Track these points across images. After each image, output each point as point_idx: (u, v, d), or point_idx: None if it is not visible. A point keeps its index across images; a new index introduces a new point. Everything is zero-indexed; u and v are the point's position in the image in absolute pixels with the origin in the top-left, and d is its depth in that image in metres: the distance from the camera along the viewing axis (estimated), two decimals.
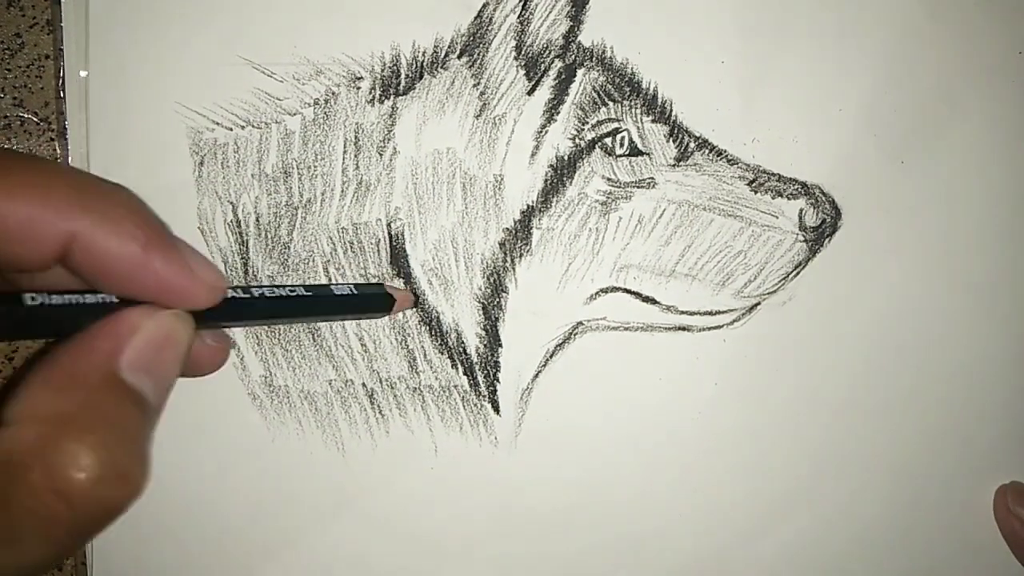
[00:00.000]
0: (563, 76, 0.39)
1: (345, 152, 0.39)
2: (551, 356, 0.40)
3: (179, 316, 0.27)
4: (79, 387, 0.24)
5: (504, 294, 0.40)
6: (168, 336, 0.26)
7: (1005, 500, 0.41)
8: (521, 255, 0.39)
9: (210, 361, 0.31)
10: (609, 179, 0.39)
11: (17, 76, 0.39)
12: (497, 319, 0.40)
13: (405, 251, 0.39)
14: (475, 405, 0.40)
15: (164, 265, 0.26)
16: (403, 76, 0.39)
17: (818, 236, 0.39)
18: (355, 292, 0.35)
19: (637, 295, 0.40)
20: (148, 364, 0.25)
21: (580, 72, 0.39)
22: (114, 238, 0.25)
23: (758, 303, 0.40)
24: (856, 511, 0.41)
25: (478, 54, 0.39)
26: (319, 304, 0.34)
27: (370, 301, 0.36)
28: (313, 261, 0.39)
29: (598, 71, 0.39)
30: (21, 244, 0.25)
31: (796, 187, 0.39)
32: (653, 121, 0.39)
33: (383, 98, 0.39)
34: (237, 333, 0.39)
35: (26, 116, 0.40)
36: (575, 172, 0.39)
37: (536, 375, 0.40)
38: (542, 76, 0.39)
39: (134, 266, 0.26)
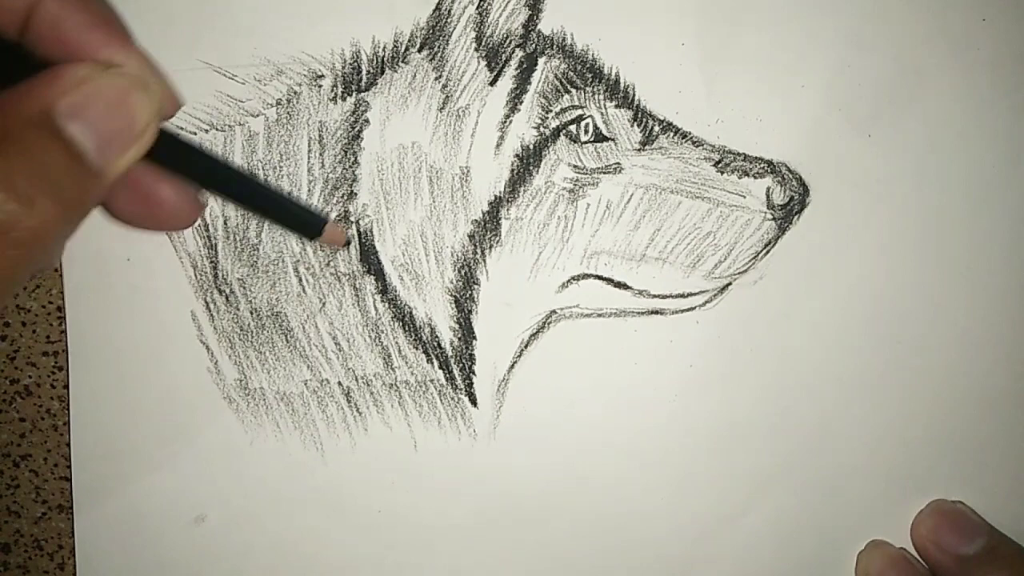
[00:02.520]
0: (524, 65, 0.41)
1: (310, 151, 0.41)
2: (526, 346, 0.42)
3: (138, 80, 0.25)
4: (4, 117, 0.23)
5: (476, 286, 0.42)
6: (121, 94, 0.24)
7: (920, 529, 0.42)
8: (491, 246, 0.42)
9: (174, 210, 0.29)
10: (575, 166, 0.41)
11: None
12: (470, 311, 0.42)
13: (375, 247, 0.41)
14: (452, 399, 0.42)
15: (127, 56, 0.25)
16: (364, 72, 0.41)
17: (786, 214, 0.41)
18: (298, 203, 0.34)
19: (609, 281, 0.42)
20: (92, 118, 0.24)
21: (541, 60, 0.41)
22: (81, 17, 0.25)
23: (729, 283, 0.42)
24: (835, 487, 0.43)
25: (438, 47, 0.41)
26: (257, 190, 0.33)
27: (304, 217, 0.34)
28: (283, 262, 0.41)
29: (559, 59, 0.41)
30: None
31: (762, 166, 0.41)
32: (617, 106, 0.41)
33: (345, 95, 0.41)
34: (209, 336, 0.42)
35: None
36: (541, 161, 0.41)
37: (512, 366, 0.42)
38: (504, 66, 0.41)
39: (96, 52, 0.25)
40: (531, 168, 0.41)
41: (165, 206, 0.29)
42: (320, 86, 0.41)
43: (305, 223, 0.32)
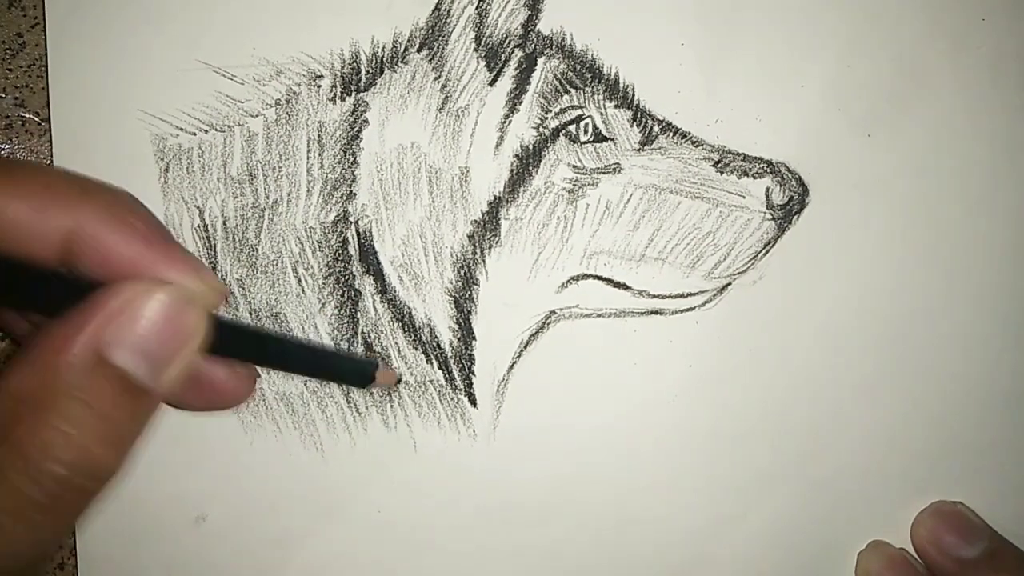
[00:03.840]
0: (524, 65, 0.41)
1: (309, 151, 0.42)
2: (525, 346, 0.43)
3: (182, 293, 0.25)
4: (51, 363, 0.23)
5: (475, 286, 0.42)
6: (167, 312, 0.24)
7: (920, 530, 0.42)
8: (490, 246, 0.42)
9: (230, 390, 0.30)
10: (575, 166, 0.42)
11: (19, 76, 0.42)
12: (469, 312, 0.43)
13: (374, 248, 0.42)
14: (452, 399, 0.43)
15: (168, 264, 0.26)
16: (363, 72, 0.41)
17: (786, 214, 0.42)
18: (347, 356, 0.36)
19: (608, 281, 0.42)
20: (140, 343, 0.24)
21: (541, 61, 0.41)
22: (117, 233, 0.26)
23: (729, 284, 0.42)
24: (835, 487, 0.44)
25: (438, 47, 0.41)
26: (308, 356, 0.35)
27: (356, 368, 0.37)
28: (281, 262, 0.42)
29: (559, 59, 0.41)
30: (26, 240, 0.25)
31: (762, 165, 0.42)
32: (616, 106, 0.42)
33: (344, 95, 0.41)
34: None
35: (27, 116, 0.42)
36: (540, 161, 0.42)
37: (511, 366, 0.43)
38: (503, 66, 0.41)
39: (138, 264, 0.26)
40: (530, 168, 0.42)
41: (220, 388, 0.30)
42: (319, 86, 0.41)
43: (357, 374, 0.34)
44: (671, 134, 0.42)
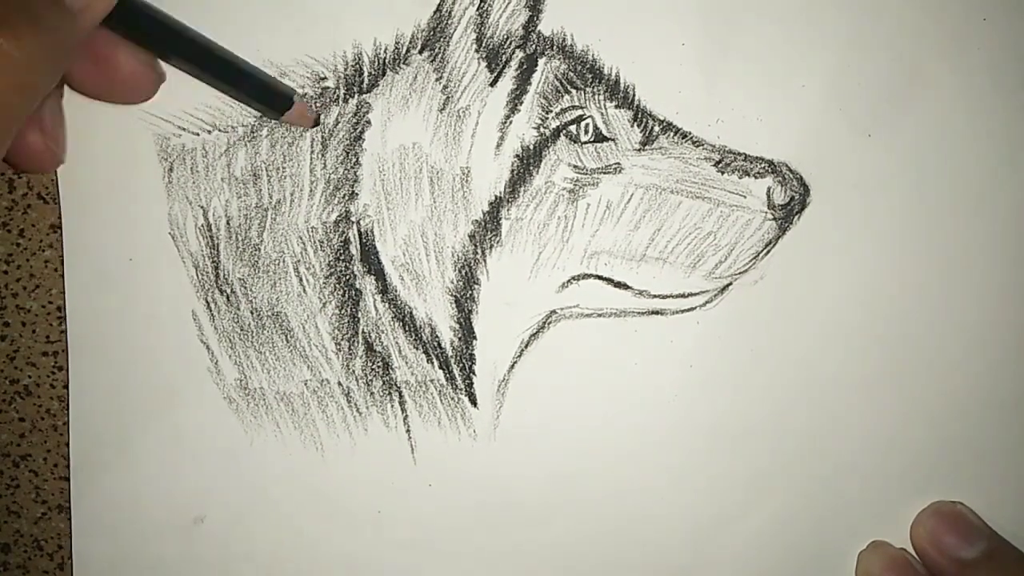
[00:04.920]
0: (525, 66, 0.42)
1: (312, 152, 0.42)
2: (526, 346, 0.43)
3: None
4: None
5: (476, 286, 0.43)
6: None
7: (919, 530, 0.42)
8: (491, 246, 0.43)
9: (131, 78, 0.32)
10: (575, 166, 0.42)
11: None
12: (470, 311, 0.43)
13: (375, 247, 0.43)
14: (452, 399, 0.44)
15: None
16: (366, 74, 0.42)
17: (787, 214, 0.43)
18: (266, 75, 0.36)
19: (609, 281, 0.43)
20: None
21: (542, 61, 0.42)
22: None
23: (730, 284, 0.43)
24: (835, 487, 0.44)
25: (439, 48, 0.42)
26: (214, 54, 0.35)
27: (271, 90, 0.37)
28: (283, 262, 0.43)
29: (559, 59, 0.42)
30: None
31: (763, 165, 0.42)
32: (617, 107, 0.42)
33: (347, 97, 0.42)
34: (210, 335, 0.43)
35: None
36: (541, 161, 0.42)
37: (512, 366, 0.43)
38: (504, 67, 0.42)
39: None
40: (531, 168, 0.42)
41: (121, 74, 0.31)
42: (322, 88, 0.42)
43: (271, 98, 0.33)
44: (672, 134, 0.42)
